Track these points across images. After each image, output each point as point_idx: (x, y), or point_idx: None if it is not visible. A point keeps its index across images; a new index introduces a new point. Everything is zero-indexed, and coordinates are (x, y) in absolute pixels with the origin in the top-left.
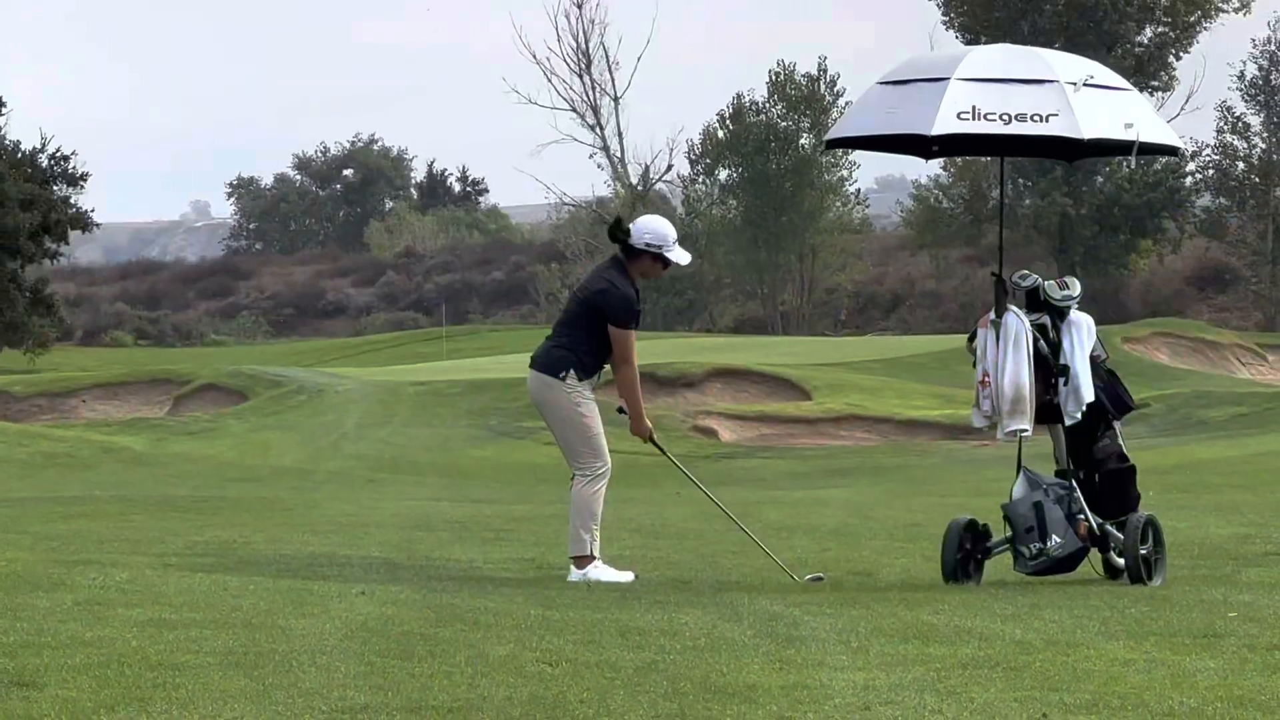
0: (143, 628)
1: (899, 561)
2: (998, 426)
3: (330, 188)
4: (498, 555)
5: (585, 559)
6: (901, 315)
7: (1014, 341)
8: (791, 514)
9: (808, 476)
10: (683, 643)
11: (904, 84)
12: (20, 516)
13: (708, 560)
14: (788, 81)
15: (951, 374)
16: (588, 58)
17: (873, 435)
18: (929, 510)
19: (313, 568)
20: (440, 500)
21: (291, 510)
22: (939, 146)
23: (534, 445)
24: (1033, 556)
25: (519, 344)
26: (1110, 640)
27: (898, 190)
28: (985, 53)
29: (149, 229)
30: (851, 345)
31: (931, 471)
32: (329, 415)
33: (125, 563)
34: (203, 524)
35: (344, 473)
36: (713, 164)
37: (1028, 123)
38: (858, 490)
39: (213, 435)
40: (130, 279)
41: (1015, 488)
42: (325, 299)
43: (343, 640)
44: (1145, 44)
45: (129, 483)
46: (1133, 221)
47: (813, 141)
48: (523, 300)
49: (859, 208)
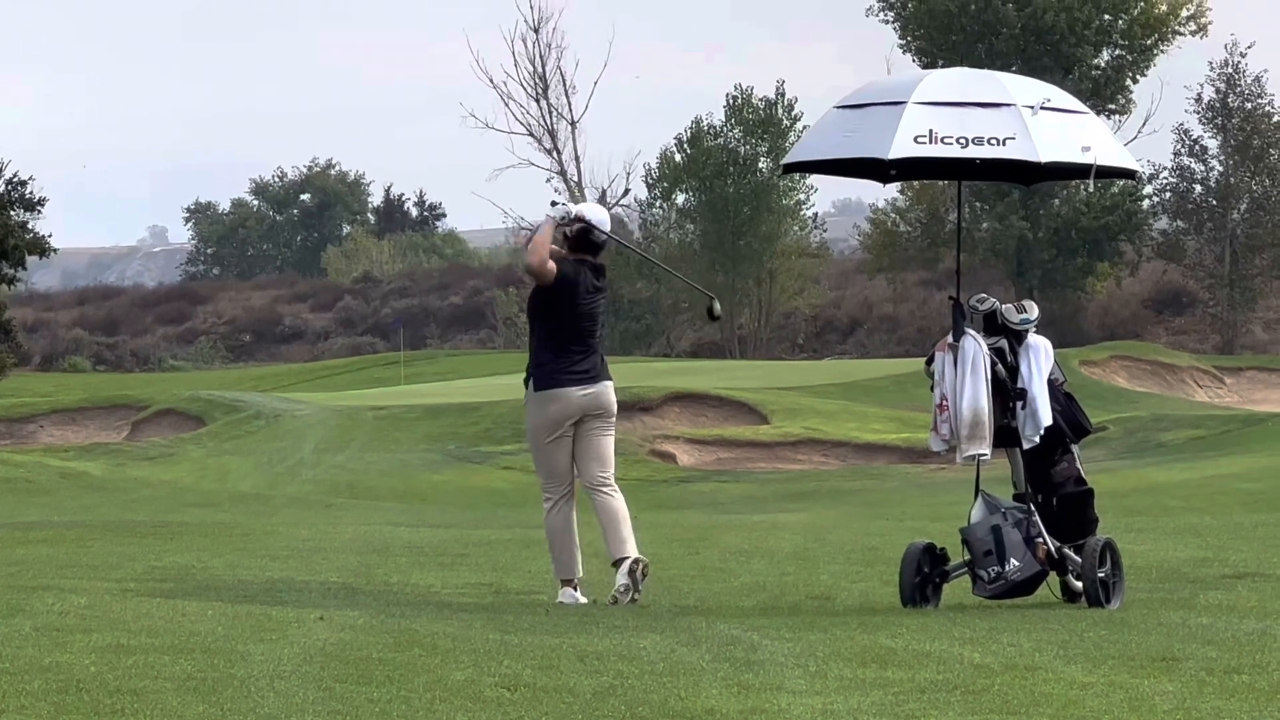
0: (101, 653)
1: (857, 585)
2: (956, 450)
3: (287, 212)
4: (456, 580)
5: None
6: (859, 339)
7: (972, 365)
8: (749, 538)
9: (765, 500)
10: (641, 667)
11: (861, 108)
12: None
13: (665, 585)
14: (745, 105)
15: (909, 397)
16: (545, 82)
17: (830, 459)
18: (887, 534)
19: (271, 593)
20: (398, 525)
21: (249, 535)
22: (896, 170)
23: (491, 470)
24: (991, 580)
25: (477, 369)
26: (1069, 664)
27: (855, 214)
28: (942, 76)
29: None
30: (809, 369)
31: (889, 495)
32: (287, 440)
33: (83, 588)
34: (161, 549)
35: (302, 498)
36: (670, 188)
37: (985, 146)
38: (815, 514)
39: (171, 460)
40: (88, 304)
41: (973, 511)
42: (283, 324)
43: (301, 665)
44: (1102, 67)
45: (87, 508)
46: (1090, 245)
47: (770, 165)
48: (480, 325)
49: (816, 232)
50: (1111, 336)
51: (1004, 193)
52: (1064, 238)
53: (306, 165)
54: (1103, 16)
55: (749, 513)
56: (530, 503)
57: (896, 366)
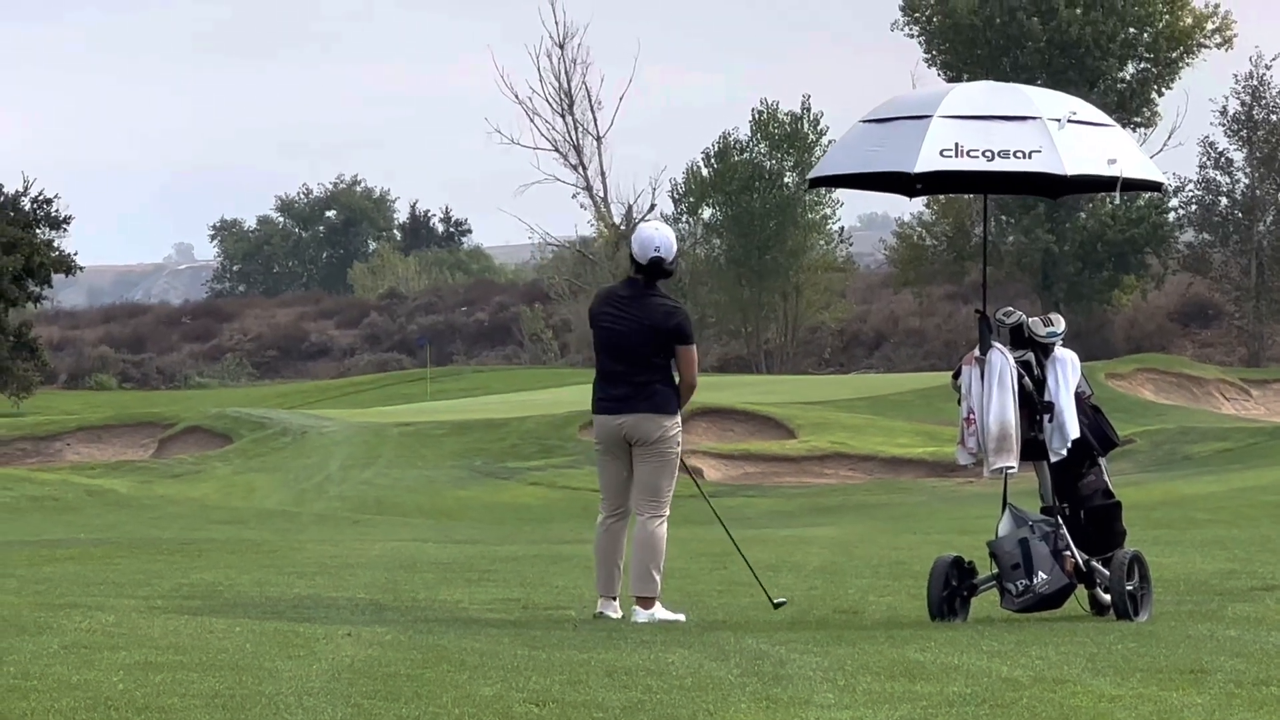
0: (129, 671)
1: (885, 599)
2: (983, 464)
3: (313, 229)
4: (484, 596)
5: (652, 600)
6: (885, 353)
7: (999, 379)
8: (777, 552)
9: (792, 515)
10: (669, 682)
11: (887, 122)
12: (5, 560)
13: (694, 599)
14: (771, 120)
15: (936, 411)
16: (570, 98)
17: (857, 473)
18: (914, 548)
19: (298, 609)
20: (425, 541)
21: (277, 552)
22: (922, 184)
23: (518, 486)
24: (1019, 593)
25: (503, 385)
26: (1097, 677)
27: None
28: (968, 90)
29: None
30: (836, 383)
31: (916, 509)
32: (313, 457)
33: (111, 606)
34: (188, 566)
35: (329, 514)
36: (696, 203)
37: (1011, 159)
38: (843, 528)
39: (198, 478)
40: (114, 322)
41: (1001, 524)
42: (309, 341)
43: (329, 682)
44: (1128, 80)
45: (114, 525)
46: (1116, 257)
47: (796, 180)
48: (506, 341)
49: (842, 246)
50: (1138, 349)
51: (1030, 206)
52: (1090, 251)
53: (332, 182)
54: (1128, 30)
55: (776, 527)
56: (557, 518)
57: (923, 380)
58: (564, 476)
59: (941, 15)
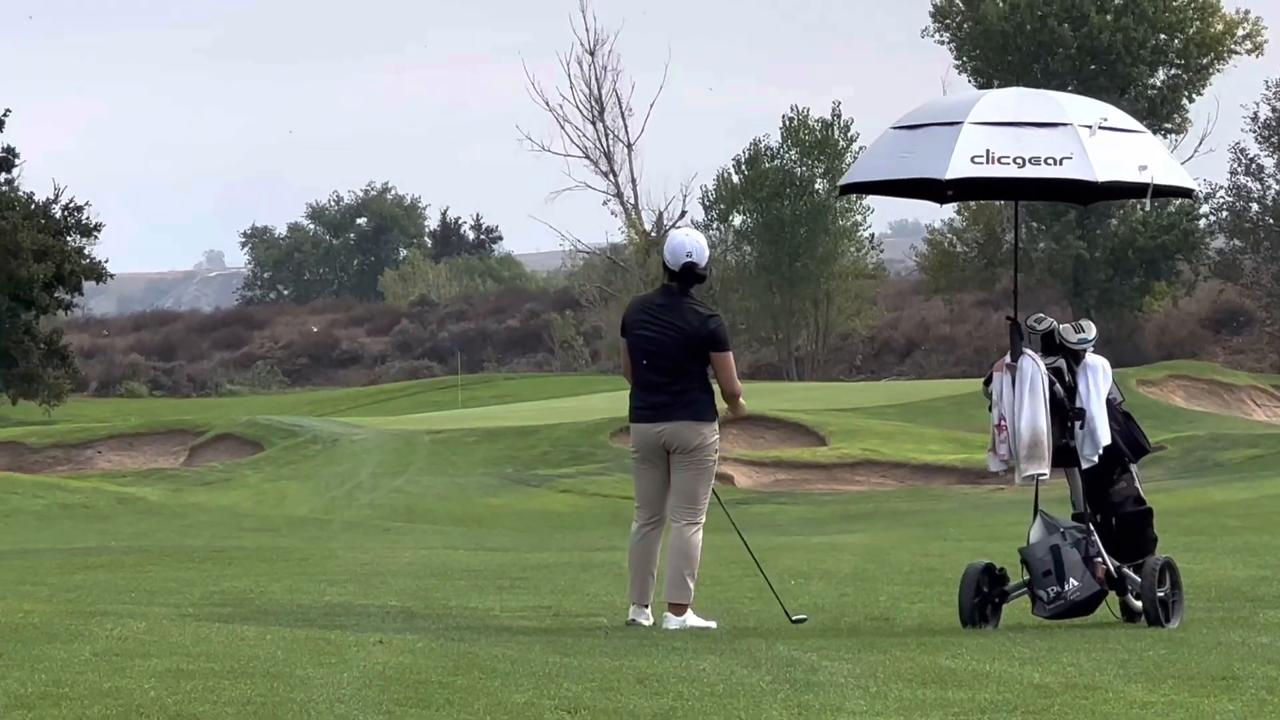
0: (160, 678)
1: (916, 606)
2: (1015, 470)
3: (344, 237)
4: (515, 603)
5: (684, 607)
6: (916, 360)
7: (1030, 385)
8: (808, 560)
9: (823, 522)
10: (701, 689)
11: (918, 128)
12: (36, 568)
13: (725, 606)
14: (801, 127)
15: (967, 418)
16: (600, 105)
17: (888, 480)
18: (946, 555)
19: (330, 617)
20: (457, 549)
21: (308, 560)
22: (953, 190)
23: (549, 493)
24: (1050, 600)
25: (534, 392)
26: (1129, 683)
27: (911, 235)
28: (999, 96)
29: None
30: (866, 390)
31: (948, 516)
32: (344, 464)
33: (142, 613)
34: (219, 574)
35: (360, 522)
36: (727, 210)
37: (1041, 166)
38: (874, 535)
39: (228, 485)
40: (144, 329)
41: (1032, 531)
42: (340, 348)
43: (360, 689)
44: (1158, 87)
45: (145, 533)
46: (1147, 264)
47: (827, 186)
48: (537, 348)
49: (873, 253)
50: (1169, 356)
51: (1060, 212)
52: (1121, 257)
53: (363, 189)
54: (1158, 36)
55: (807, 534)
56: (588, 525)
57: (954, 387)
58: (595, 483)
59: (972, 22)
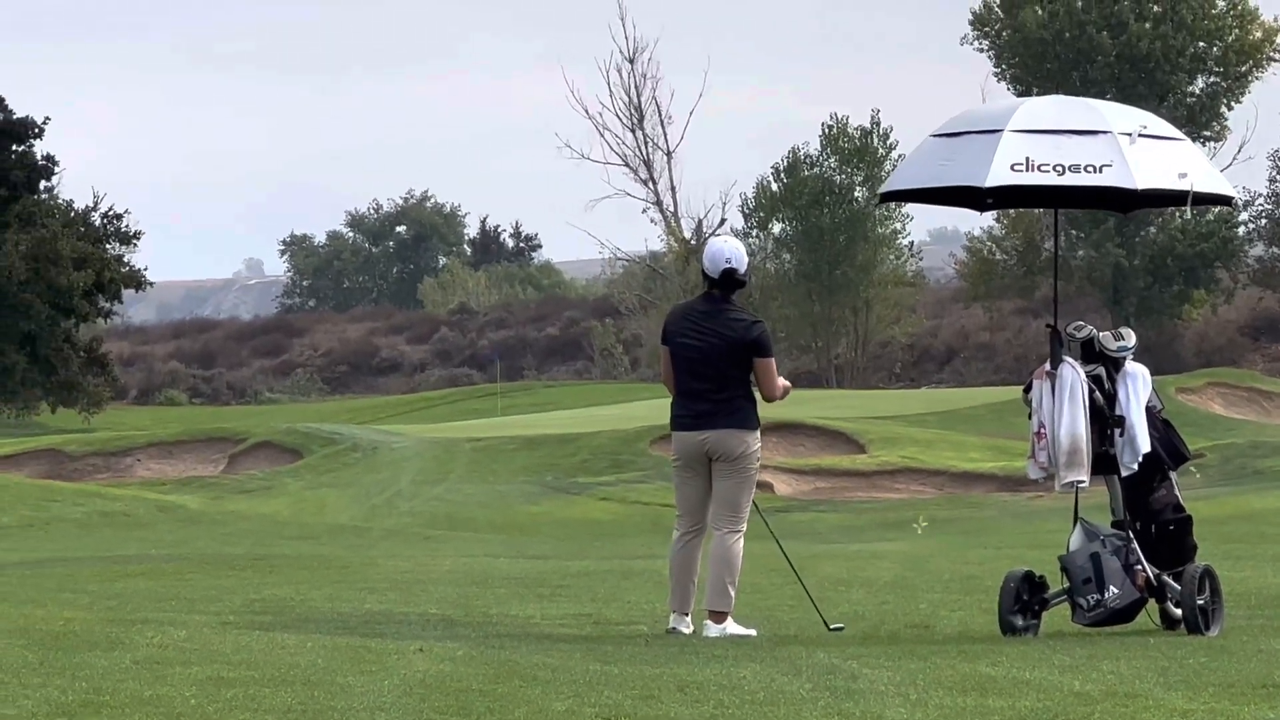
0: (201, 686)
1: (956, 614)
2: (1054, 478)
3: (383, 244)
4: (555, 611)
5: (725, 614)
6: (956, 367)
7: (1070, 393)
8: (847, 567)
9: (863, 530)
10: (741, 697)
11: (957, 136)
12: (77, 576)
13: (765, 614)
14: (841, 135)
15: (1006, 426)
16: (640, 113)
17: (928, 488)
18: (985, 562)
19: (370, 625)
20: (497, 556)
21: (348, 568)
22: (993, 199)
23: (589, 501)
24: (1090, 608)
25: (573, 400)
26: (1169, 691)
27: (951, 243)
28: (1038, 104)
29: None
30: (906, 398)
31: (987, 523)
32: (384, 472)
33: (183, 621)
34: (259, 582)
35: (400, 530)
36: (766, 217)
37: (1081, 174)
38: (913, 543)
39: (268, 493)
40: (184, 337)
41: (1072, 539)
42: (379, 356)
43: (401, 697)
44: (1197, 94)
45: (185, 541)
46: (1186, 272)
47: (866, 194)
48: (577, 356)
49: (912, 260)
50: (1208, 363)
51: (1099, 220)
52: (1160, 265)
53: (402, 197)
54: (1197, 44)
55: (847, 542)
56: (628, 533)
57: (993, 395)
58: (635, 491)
59: (1011, 29)
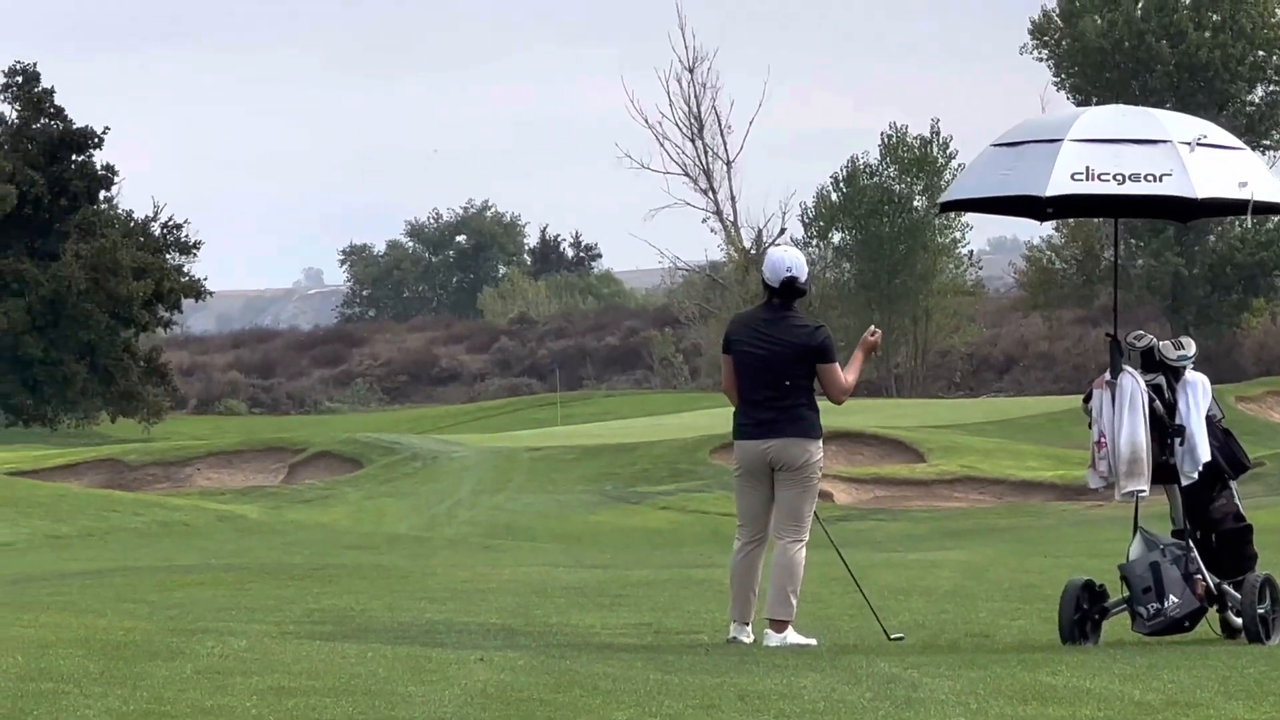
0: (262, 696)
1: (1016, 623)
2: (1114, 487)
3: (443, 254)
4: (615, 621)
5: (786, 624)
6: (1015, 376)
7: (1130, 402)
8: (907, 577)
9: (922, 539)
10: (801, 706)
11: (1017, 145)
12: (137, 585)
13: (825, 623)
14: (900, 144)
15: (1066, 435)
16: (700, 122)
17: (987, 497)
18: (1045, 571)
19: (430, 635)
20: (556, 566)
21: (408, 577)
22: (1053, 208)
23: (649, 510)
24: (1150, 617)
25: (633, 409)
26: (1230, 700)
27: (1010, 252)
28: (1098, 113)
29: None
30: (965, 407)
31: (1047, 533)
32: (444, 482)
33: (243, 631)
34: (319, 592)
35: (460, 539)
36: (826, 227)
37: (1141, 183)
38: (972, 552)
39: (328, 503)
40: (243, 347)
41: (1132, 548)
42: (439, 366)
43: (462, 707)
44: (1256, 103)
45: (245, 551)
46: (1245, 280)
47: (926, 204)
48: (636, 365)
49: (972, 270)
50: (1268, 372)
51: (1159, 229)
52: (1219, 273)
53: (462, 207)
54: (1256, 52)
55: (906, 551)
56: (688, 542)
57: (1053, 404)
58: (695, 500)
59: (1070, 39)
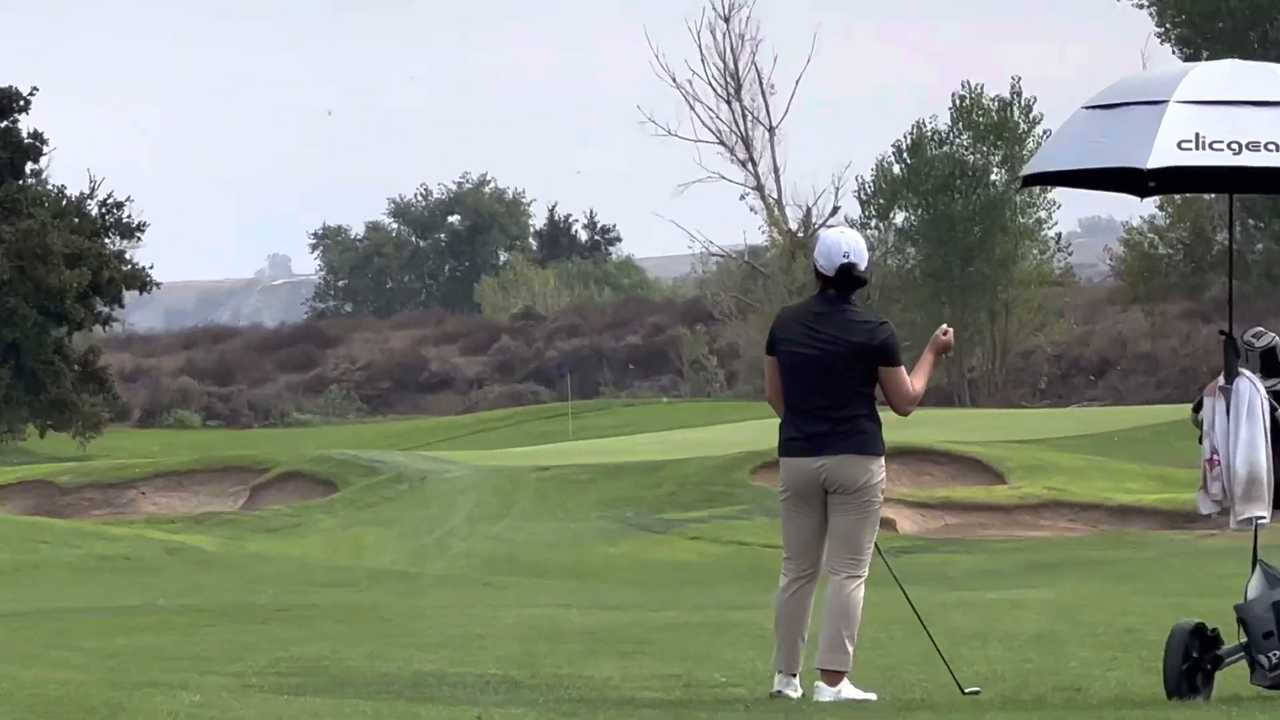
0: None
1: (1113, 674)
2: (1229, 513)
3: (433, 238)
4: (638, 671)
5: (841, 675)
6: (1111, 382)
7: (1248, 412)
8: (984, 618)
9: (1002, 574)
10: None
11: (1114, 108)
12: (71, 630)
13: (887, 674)
14: (975, 107)
15: (1171, 451)
16: (737, 81)
17: (1079, 525)
18: (1147, 612)
19: (418, 688)
20: (568, 607)
21: (392, 620)
22: (1156, 182)
23: (676, 540)
24: (1273, 666)
25: (658, 421)
26: None
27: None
28: (1209, 70)
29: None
30: (1052, 418)
31: (1149, 566)
32: (434, 507)
33: (197, 684)
34: (287, 637)
35: (454, 575)
36: (887, 205)
37: (1261, 152)
38: (1062, 590)
39: (297, 532)
40: (197, 348)
41: (1251, 585)
42: (428, 370)
43: None
44: None
45: (199, 589)
46: None
47: (1005, 178)
48: (663, 369)
49: (1060, 255)
50: None
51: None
52: None
53: (455, 181)
54: None
55: (982, 589)
56: (723, 579)
57: (1156, 414)
58: (732, 529)
59: None
